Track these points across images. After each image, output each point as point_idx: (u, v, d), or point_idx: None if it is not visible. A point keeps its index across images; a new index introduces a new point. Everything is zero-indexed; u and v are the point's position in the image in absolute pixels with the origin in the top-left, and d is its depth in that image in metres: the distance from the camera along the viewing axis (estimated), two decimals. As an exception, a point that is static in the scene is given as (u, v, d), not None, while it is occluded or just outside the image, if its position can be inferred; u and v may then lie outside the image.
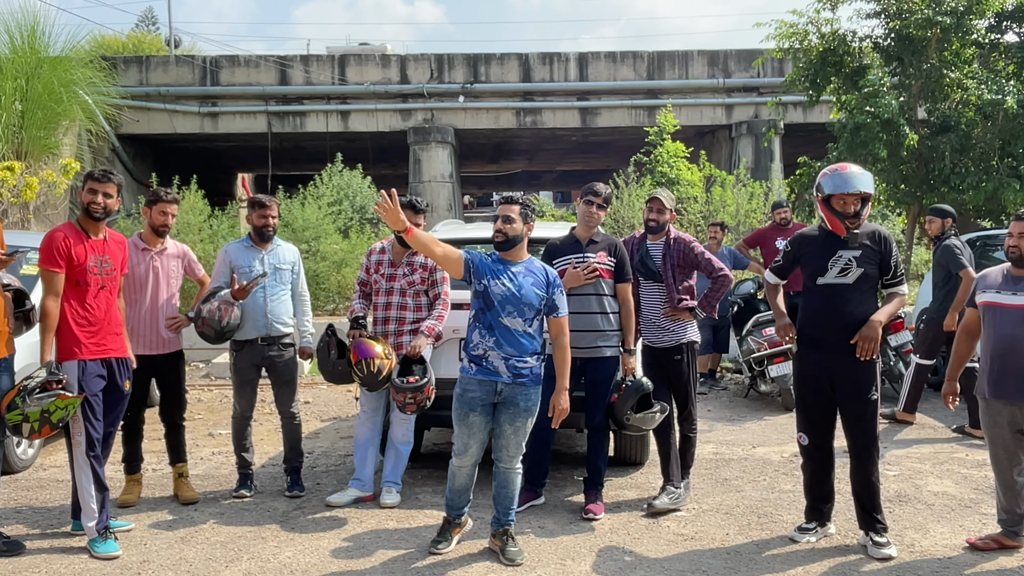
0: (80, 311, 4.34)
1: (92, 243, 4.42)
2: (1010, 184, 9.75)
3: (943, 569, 4.08)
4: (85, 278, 4.35)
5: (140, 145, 18.79)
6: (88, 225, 4.44)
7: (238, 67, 18.42)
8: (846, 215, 4.24)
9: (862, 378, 4.26)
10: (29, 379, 4.14)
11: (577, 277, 4.81)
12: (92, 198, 4.40)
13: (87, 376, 4.33)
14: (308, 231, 13.67)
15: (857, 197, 4.22)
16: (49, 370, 4.20)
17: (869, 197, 4.26)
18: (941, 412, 7.47)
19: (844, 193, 4.21)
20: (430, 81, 18.41)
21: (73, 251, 4.32)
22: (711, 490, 5.36)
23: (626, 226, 14.05)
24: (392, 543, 4.44)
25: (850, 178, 4.25)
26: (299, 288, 5.44)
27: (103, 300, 4.43)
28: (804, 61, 11.10)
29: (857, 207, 4.24)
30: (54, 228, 4.47)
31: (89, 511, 4.34)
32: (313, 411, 7.78)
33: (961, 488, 5.31)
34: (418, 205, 5.14)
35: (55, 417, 4.15)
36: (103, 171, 4.52)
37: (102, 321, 4.41)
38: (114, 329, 4.49)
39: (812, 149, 13.70)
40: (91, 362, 4.35)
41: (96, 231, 4.46)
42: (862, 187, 4.22)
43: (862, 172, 4.32)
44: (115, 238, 4.62)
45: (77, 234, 4.39)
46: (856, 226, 4.27)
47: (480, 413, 4.17)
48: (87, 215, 4.43)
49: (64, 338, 4.32)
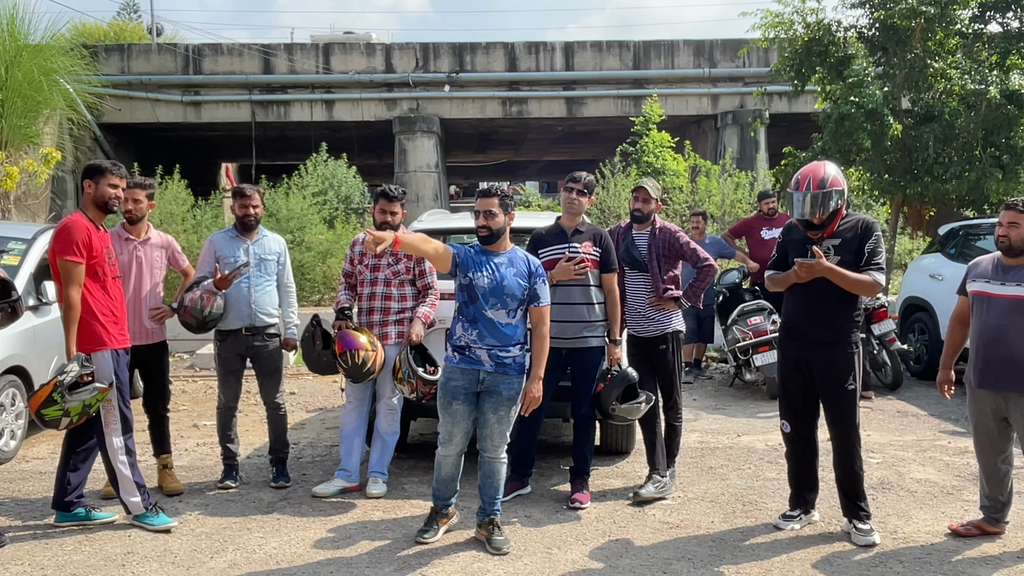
0: (103, 301, 4.40)
1: (103, 235, 4.49)
2: (993, 174, 9.81)
3: (926, 555, 4.12)
4: (103, 268, 4.41)
5: (122, 134, 18.61)
6: (97, 217, 4.47)
7: (221, 55, 18.26)
8: (809, 228, 4.27)
9: (840, 368, 4.28)
10: (63, 374, 4.17)
11: (567, 271, 4.80)
12: (115, 192, 4.45)
13: (120, 365, 4.43)
14: (293, 221, 13.60)
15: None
16: (80, 363, 4.23)
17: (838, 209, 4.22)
18: (924, 400, 7.53)
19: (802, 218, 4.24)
20: (415, 70, 18.31)
21: (93, 242, 4.36)
22: (696, 478, 5.38)
23: (612, 216, 14.06)
24: (378, 533, 4.44)
25: (796, 205, 4.24)
26: (285, 279, 5.41)
27: (117, 290, 4.51)
28: (789, 51, 11.10)
29: (820, 220, 4.22)
30: (70, 217, 4.39)
31: (131, 488, 4.45)
32: (299, 402, 7.75)
33: (943, 475, 5.36)
34: (391, 193, 5.11)
35: (94, 410, 4.31)
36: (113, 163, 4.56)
37: (120, 310, 4.50)
38: (136, 318, 4.61)
39: (797, 139, 13.73)
40: (121, 351, 4.45)
41: (102, 222, 4.53)
42: (806, 216, 4.21)
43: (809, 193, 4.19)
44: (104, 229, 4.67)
45: (91, 226, 4.43)
46: (819, 237, 4.27)
47: (463, 402, 4.17)
48: (103, 210, 4.45)
49: (90, 329, 4.34)
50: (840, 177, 4.27)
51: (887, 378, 7.96)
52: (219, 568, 4.01)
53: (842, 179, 4.28)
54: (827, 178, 4.22)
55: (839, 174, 4.29)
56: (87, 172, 4.49)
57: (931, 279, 8.53)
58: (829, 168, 4.29)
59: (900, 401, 7.55)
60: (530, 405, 4.26)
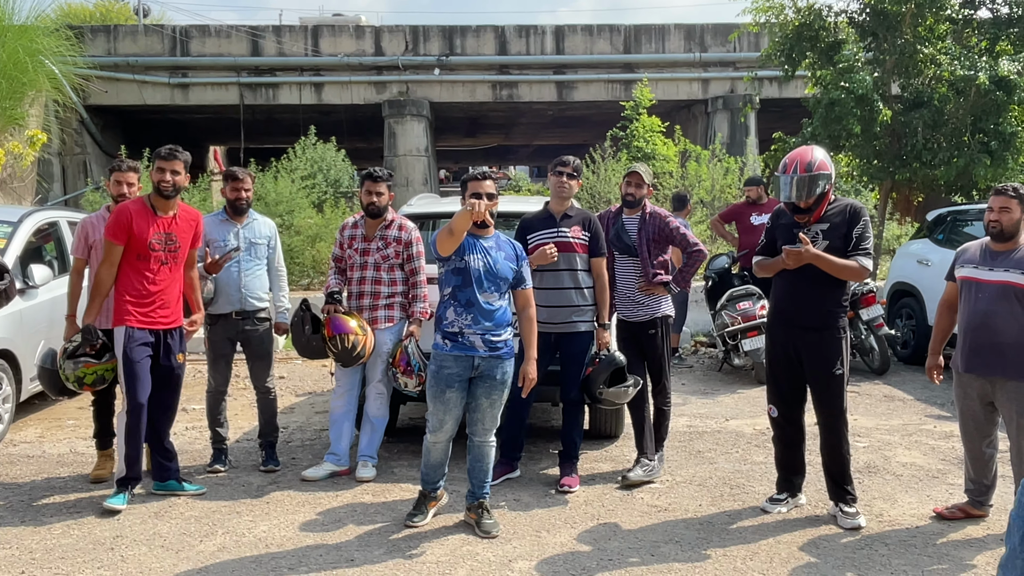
0: (135, 283, 4.51)
1: (160, 220, 4.56)
2: (981, 160, 9.85)
3: (911, 538, 4.16)
4: (146, 252, 4.51)
5: (109, 116, 18.45)
6: (157, 203, 4.57)
7: (209, 37, 18.10)
8: (796, 211, 4.28)
9: (827, 353, 4.30)
10: (71, 342, 4.54)
11: (543, 255, 4.78)
12: (161, 176, 4.52)
13: (131, 342, 4.48)
14: (281, 205, 13.55)
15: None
16: (84, 335, 4.49)
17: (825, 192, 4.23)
18: (910, 385, 7.59)
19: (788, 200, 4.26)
20: (405, 53, 18.21)
21: (135, 226, 4.47)
22: (684, 462, 5.41)
23: (602, 201, 14.06)
24: (368, 517, 4.45)
25: (783, 187, 4.25)
26: (275, 263, 5.39)
27: (163, 275, 4.58)
28: (780, 36, 11.09)
29: (807, 204, 4.23)
30: (125, 202, 4.69)
31: (119, 467, 4.59)
32: (288, 386, 7.74)
33: (929, 459, 5.41)
34: (376, 173, 5.09)
35: (88, 380, 4.55)
36: (169, 149, 4.60)
37: (155, 294, 4.56)
38: (167, 302, 4.62)
39: (787, 124, 13.74)
40: (138, 330, 4.50)
41: (165, 208, 4.59)
42: (792, 199, 4.22)
43: (796, 176, 4.19)
44: (187, 215, 4.73)
45: (145, 210, 4.54)
46: (806, 221, 4.28)
47: (457, 389, 4.17)
48: (157, 193, 4.55)
49: (117, 306, 4.52)
50: (828, 161, 4.27)
51: (874, 363, 8.01)
52: (208, 551, 4.01)
53: (830, 163, 4.28)
54: (814, 162, 4.22)
55: (827, 158, 4.29)
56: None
57: (919, 265, 8.57)
58: (817, 152, 4.29)
59: (887, 386, 7.61)
60: (528, 386, 4.29)
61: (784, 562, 3.88)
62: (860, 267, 4.21)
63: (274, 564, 3.87)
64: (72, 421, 6.50)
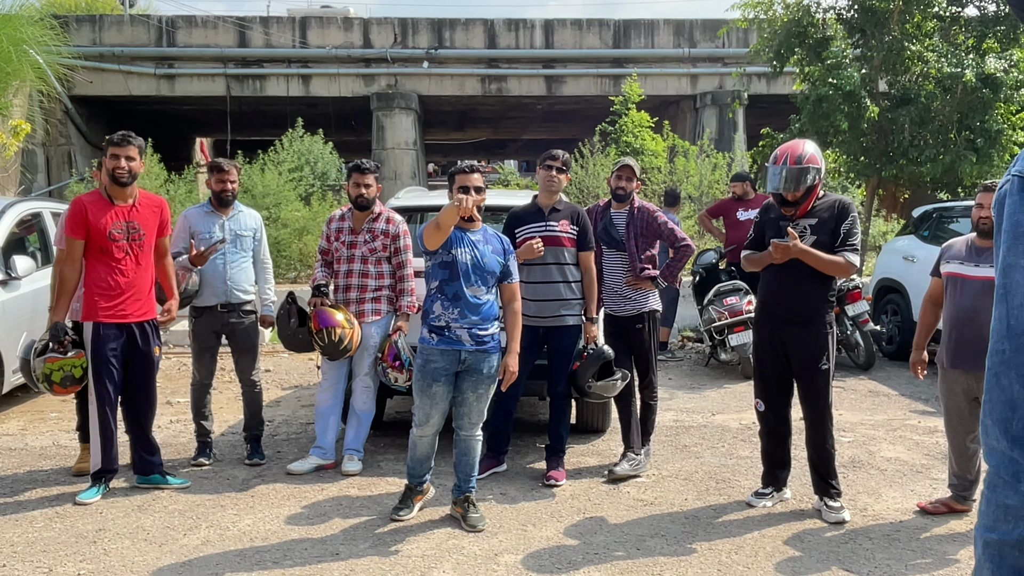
0: (102, 276, 4.43)
1: (118, 209, 4.45)
2: (967, 157, 9.91)
3: (895, 532, 4.18)
4: (107, 244, 4.41)
5: (94, 107, 18.30)
6: (113, 191, 4.47)
7: (195, 28, 17.96)
8: (783, 204, 4.29)
9: (813, 348, 4.30)
10: (39, 341, 4.47)
11: (529, 249, 4.77)
12: (115, 163, 4.41)
13: (100, 338, 4.42)
14: (268, 197, 13.48)
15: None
16: (52, 332, 4.41)
17: (813, 187, 4.23)
18: (895, 380, 7.63)
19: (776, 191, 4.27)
20: (394, 46, 18.13)
21: (93, 218, 4.37)
22: (671, 456, 5.42)
23: (591, 196, 14.06)
24: (353, 510, 4.44)
25: (771, 177, 4.26)
26: (261, 255, 5.36)
27: (130, 266, 4.48)
28: (768, 32, 11.11)
29: (794, 197, 4.23)
30: (80, 195, 4.59)
31: (96, 460, 4.56)
32: (274, 379, 7.71)
33: (913, 454, 5.44)
34: (363, 165, 5.06)
35: (55, 377, 4.41)
36: (122, 135, 4.49)
37: (123, 286, 4.47)
38: (137, 294, 4.53)
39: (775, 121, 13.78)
40: (106, 325, 4.43)
41: (122, 197, 4.49)
42: (779, 189, 4.22)
43: (788, 169, 4.19)
44: (149, 202, 4.63)
45: (100, 201, 4.44)
46: (792, 214, 4.28)
47: (444, 383, 4.15)
48: (113, 181, 4.43)
49: (85, 300, 4.45)
50: (818, 156, 4.28)
51: (860, 358, 8.05)
52: (192, 545, 3.99)
53: (820, 158, 4.28)
54: (805, 155, 4.23)
55: (817, 152, 4.29)
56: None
57: (905, 261, 8.62)
58: (808, 146, 4.30)
59: (872, 381, 7.65)
60: (509, 380, 4.27)
61: (769, 556, 3.90)
62: (846, 263, 4.22)
63: (259, 558, 3.85)
64: (55, 414, 6.45)
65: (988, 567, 1.10)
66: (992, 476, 1.11)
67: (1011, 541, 1.07)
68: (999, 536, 1.08)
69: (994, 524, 1.09)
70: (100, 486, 4.58)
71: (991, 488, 1.10)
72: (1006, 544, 1.07)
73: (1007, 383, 1.08)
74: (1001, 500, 1.08)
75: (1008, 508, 1.07)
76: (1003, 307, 1.09)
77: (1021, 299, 1.08)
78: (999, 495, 1.09)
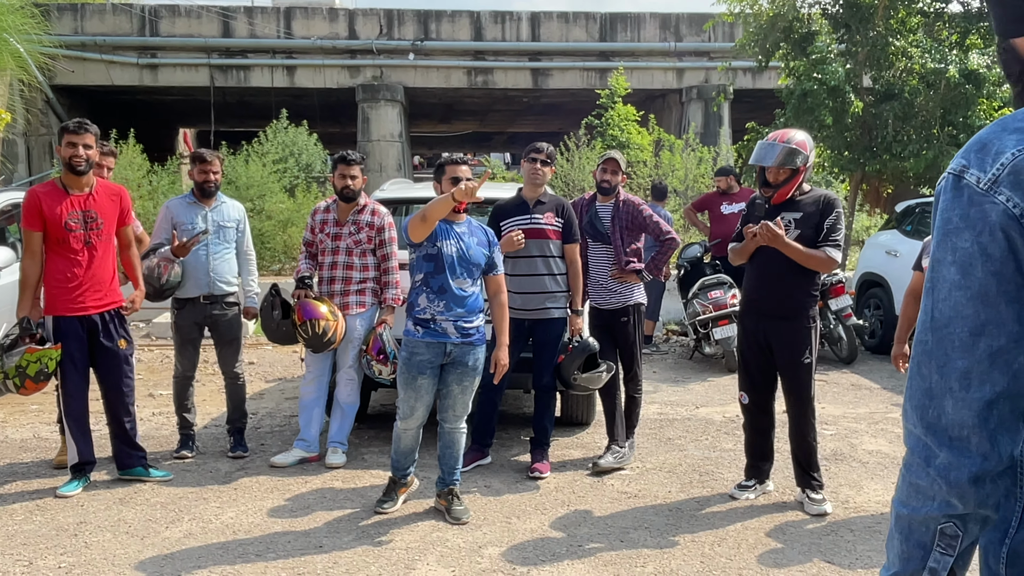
0: (60, 268, 4.35)
1: (73, 199, 4.36)
2: (950, 152, 9.96)
3: (876, 524, 4.22)
4: (63, 235, 4.32)
5: (75, 97, 18.10)
6: (69, 180, 4.37)
7: (179, 17, 17.79)
8: (763, 184, 4.32)
9: (796, 342, 4.33)
10: (6, 337, 4.31)
11: (510, 242, 4.77)
12: (72, 151, 4.31)
13: (61, 332, 4.36)
14: (252, 189, 13.41)
15: (775, 169, 4.24)
16: (22, 326, 4.31)
17: (797, 170, 4.25)
18: (877, 374, 7.69)
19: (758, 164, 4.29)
20: (379, 37, 18.03)
21: (47, 209, 4.28)
22: (655, 449, 5.44)
23: (576, 189, 14.06)
24: (337, 503, 4.43)
25: (758, 149, 4.29)
26: (244, 246, 5.32)
27: (88, 257, 4.40)
28: (754, 26, 11.14)
29: (776, 178, 4.26)
30: (34, 186, 4.47)
31: (73, 454, 4.54)
32: (258, 372, 7.67)
33: (894, 447, 5.48)
34: (348, 156, 5.04)
35: (31, 370, 4.28)
36: (78, 122, 4.40)
37: (83, 278, 4.38)
38: (97, 285, 4.44)
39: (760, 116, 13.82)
40: (65, 319, 4.36)
41: (78, 186, 4.39)
42: (763, 161, 4.24)
43: (775, 145, 4.23)
44: (107, 190, 4.53)
45: (55, 192, 4.35)
46: (769, 195, 4.30)
47: (428, 376, 4.15)
48: (69, 169, 4.34)
49: (46, 294, 4.41)
50: (809, 144, 4.30)
51: (842, 352, 8.10)
52: (174, 538, 3.96)
53: (810, 147, 4.31)
54: (795, 139, 4.27)
55: (809, 142, 4.33)
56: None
57: (887, 255, 8.67)
58: (801, 134, 4.35)
59: (854, 375, 7.70)
60: (500, 372, 4.28)
61: (751, 547, 3.92)
62: (828, 258, 4.24)
63: (241, 551, 3.83)
64: (36, 406, 6.40)
65: (898, 537, 1.21)
66: (908, 456, 1.21)
67: (919, 517, 1.17)
68: (909, 511, 1.18)
69: (906, 500, 1.19)
70: (81, 479, 4.54)
71: (907, 467, 1.20)
72: (914, 519, 1.18)
73: (927, 372, 1.17)
74: (914, 479, 1.18)
75: (919, 487, 1.17)
76: (929, 300, 1.18)
77: (945, 293, 1.15)
78: (912, 474, 1.18)
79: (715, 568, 3.70)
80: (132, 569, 3.63)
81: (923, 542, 1.17)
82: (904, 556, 1.19)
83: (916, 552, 1.18)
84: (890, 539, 1.23)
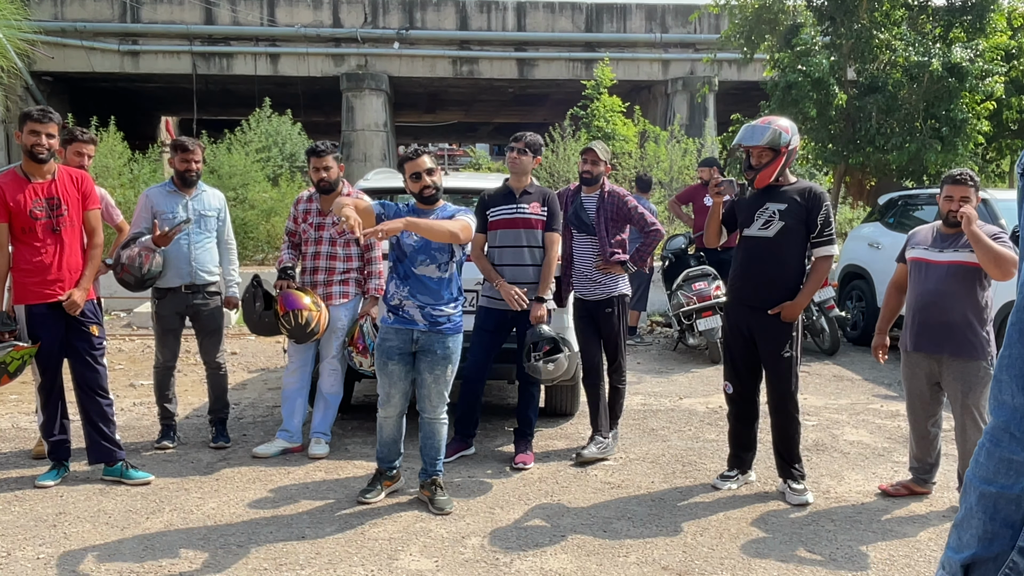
0: (28, 257, 4.27)
1: (36, 186, 4.28)
2: (932, 145, 10.04)
3: (856, 514, 4.25)
4: (29, 223, 4.25)
5: (55, 84, 17.90)
6: (30, 168, 4.30)
7: (161, 4, 17.60)
8: (747, 167, 4.36)
9: (779, 333, 4.35)
10: None
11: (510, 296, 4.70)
12: (35, 140, 4.24)
13: (33, 320, 4.30)
14: (235, 178, 13.31)
15: (759, 148, 4.27)
16: (2, 321, 4.24)
17: (779, 152, 4.26)
18: (859, 365, 7.74)
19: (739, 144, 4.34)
20: (364, 26, 17.93)
21: (11, 199, 4.21)
22: (638, 440, 5.46)
23: (561, 180, 14.05)
24: (320, 493, 4.41)
25: (743, 130, 4.33)
26: (225, 236, 5.27)
27: (55, 244, 4.32)
28: (739, 18, 11.16)
29: (758, 160, 4.28)
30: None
31: (46, 446, 4.56)
32: (240, 362, 7.63)
33: (875, 437, 5.53)
34: (318, 148, 4.98)
35: (12, 367, 4.20)
36: (41, 110, 4.32)
37: (51, 266, 4.31)
38: (68, 271, 4.36)
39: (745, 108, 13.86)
40: (36, 307, 4.29)
41: (40, 173, 4.32)
42: (745, 141, 4.29)
43: (759, 126, 4.27)
44: (68, 175, 4.42)
45: (17, 180, 4.27)
46: (750, 178, 4.33)
47: (398, 362, 4.15)
48: (31, 157, 4.26)
49: (14, 284, 4.32)
50: (793, 129, 4.33)
51: (825, 344, 8.15)
52: (155, 529, 3.93)
53: (795, 134, 4.33)
54: (780, 122, 4.31)
55: (793, 127, 4.35)
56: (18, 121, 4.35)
57: (870, 248, 8.72)
58: (785, 119, 4.38)
59: (836, 366, 7.75)
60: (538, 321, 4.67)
61: (734, 538, 3.94)
62: (828, 260, 4.37)
63: (223, 541, 3.81)
64: (15, 396, 6.33)
65: (980, 517, 1.13)
66: (998, 431, 1.13)
67: (1010, 495, 1.10)
68: (997, 489, 1.12)
69: (994, 477, 1.12)
70: (60, 469, 4.50)
71: (995, 443, 1.13)
72: (1003, 497, 1.11)
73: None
74: (1006, 455, 1.11)
75: (1012, 463, 1.10)
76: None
77: None
78: (1004, 449, 1.11)
79: (697, 557, 3.71)
80: (112, 560, 3.60)
81: (1013, 520, 1.11)
82: (987, 536, 1.13)
83: (1003, 531, 1.11)
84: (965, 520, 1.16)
